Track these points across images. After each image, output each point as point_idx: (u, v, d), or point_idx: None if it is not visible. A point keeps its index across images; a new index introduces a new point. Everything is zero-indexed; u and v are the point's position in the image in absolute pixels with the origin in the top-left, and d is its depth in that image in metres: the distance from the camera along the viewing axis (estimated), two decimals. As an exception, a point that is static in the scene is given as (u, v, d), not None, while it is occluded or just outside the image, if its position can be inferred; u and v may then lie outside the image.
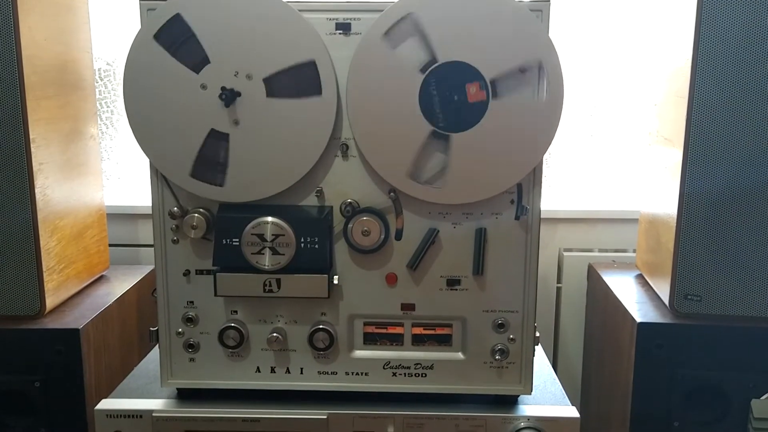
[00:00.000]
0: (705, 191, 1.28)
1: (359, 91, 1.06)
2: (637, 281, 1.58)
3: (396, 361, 1.19)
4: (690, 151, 1.28)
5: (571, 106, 1.82)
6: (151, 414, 1.16)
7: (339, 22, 1.08)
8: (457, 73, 1.05)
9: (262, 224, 1.09)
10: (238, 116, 1.08)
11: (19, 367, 1.31)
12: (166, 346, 1.19)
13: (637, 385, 1.34)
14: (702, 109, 1.26)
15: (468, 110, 1.06)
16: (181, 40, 1.06)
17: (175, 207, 1.13)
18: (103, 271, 1.63)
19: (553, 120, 1.07)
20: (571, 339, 1.83)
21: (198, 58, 1.07)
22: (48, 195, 1.37)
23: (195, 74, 1.07)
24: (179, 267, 1.16)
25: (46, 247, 1.36)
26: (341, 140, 1.11)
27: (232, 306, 1.17)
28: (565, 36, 1.78)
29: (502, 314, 1.17)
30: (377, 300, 1.17)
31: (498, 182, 1.10)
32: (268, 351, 1.18)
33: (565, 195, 1.87)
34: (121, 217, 1.78)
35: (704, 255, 1.30)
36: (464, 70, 1.05)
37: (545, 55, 1.05)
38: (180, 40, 1.06)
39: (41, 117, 1.34)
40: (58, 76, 1.42)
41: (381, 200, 1.13)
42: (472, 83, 1.05)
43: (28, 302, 1.34)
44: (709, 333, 1.31)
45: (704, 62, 1.24)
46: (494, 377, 1.19)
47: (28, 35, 1.29)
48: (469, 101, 1.06)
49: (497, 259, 1.15)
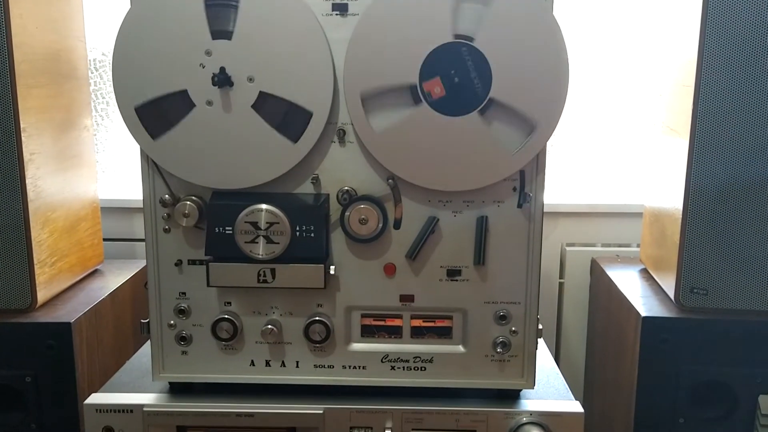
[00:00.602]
0: (711, 183, 1.26)
1: (357, 94, 1.04)
2: (641, 275, 1.55)
3: (394, 354, 1.16)
4: (696, 142, 1.26)
5: (574, 97, 1.79)
6: (142, 409, 1.13)
7: (335, 3, 1.05)
8: (458, 54, 1.02)
9: (256, 212, 1.06)
10: (215, 99, 1.05)
11: (10, 362, 1.29)
12: (158, 338, 1.16)
13: (642, 381, 1.32)
14: (708, 99, 1.24)
15: (470, 92, 1.03)
16: (224, 1, 1.03)
17: (167, 195, 1.10)
18: (97, 265, 1.61)
19: (557, 104, 1.04)
20: (573, 335, 1.80)
21: (223, 28, 1.03)
22: (40, 186, 1.34)
23: (210, 39, 1.03)
24: (171, 257, 1.13)
25: (38, 239, 1.34)
26: (338, 125, 1.08)
27: (225, 297, 1.14)
28: (570, 26, 1.75)
29: (504, 306, 1.14)
30: (375, 291, 1.14)
31: (500, 168, 1.07)
32: (263, 344, 1.15)
33: (567, 188, 1.84)
34: (117, 211, 1.76)
35: (710, 248, 1.28)
36: (465, 50, 1.02)
37: (549, 36, 1.02)
38: (223, 1, 1.03)
39: (32, 106, 1.32)
40: (50, 65, 1.39)
41: (379, 188, 1.10)
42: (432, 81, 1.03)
43: (19, 295, 1.32)
44: (716, 327, 1.29)
45: (711, 51, 1.22)
46: (496, 371, 1.16)
47: (18, 23, 1.26)
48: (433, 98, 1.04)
49: (499, 248, 1.12)
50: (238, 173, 1.08)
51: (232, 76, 1.04)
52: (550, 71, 1.03)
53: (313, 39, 1.04)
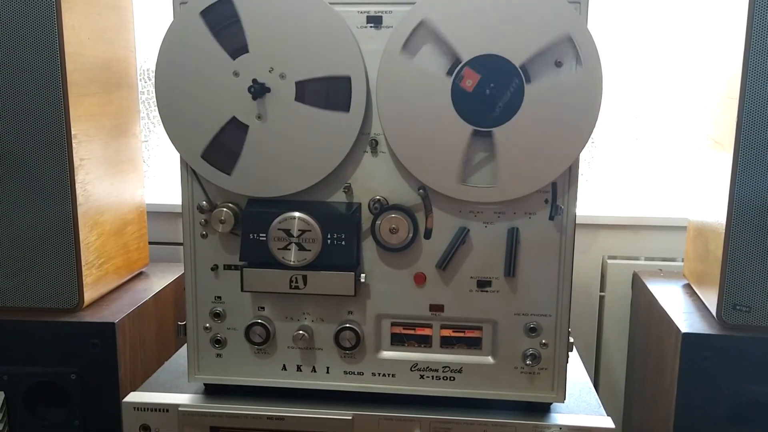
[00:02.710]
0: (755, 197, 1.23)
1: (390, 106, 1.06)
2: (684, 291, 1.52)
3: (424, 363, 1.16)
4: (740, 155, 1.24)
5: (616, 109, 1.77)
6: (177, 408, 1.16)
7: (370, 15, 1.06)
8: (489, 67, 1.03)
9: (289, 219, 1.08)
10: (263, 111, 1.07)
11: (56, 360, 1.33)
12: (194, 341, 1.19)
13: (681, 399, 1.29)
14: (753, 111, 1.22)
15: (503, 105, 1.03)
16: (225, 22, 1.06)
17: (204, 201, 1.13)
18: (143, 268, 1.65)
19: (590, 116, 1.04)
20: (614, 349, 1.76)
21: (237, 45, 1.06)
22: (89, 190, 1.39)
23: (231, 60, 1.07)
24: (207, 262, 1.17)
25: (86, 241, 1.39)
26: (371, 135, 1.09)
27: (259, 302, 1.17)
28: (613, 36, 1.73)
29: (534, 318, 1.13)
30: (405, 300, 1.14)
31: (532, 180, 1.07)
32: (295, 349, 1.17)
33: (609, 200, 1.81)
34: (164, 215, 1.81)
35: (754, 264, 1.25)
36: (495, 62, 1.02)
37: (583, 47, 1.01)
38: (225, 22, 1.06)
39: (83, 113, 1.37)
40: (101, 74, 1.44)
41: (410, 197, 1.11)
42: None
43: (67, 296, 1.37)
44: (759, 345, 1.26)
45: (756, 62, 1.20)
46: (525, 383, 1.15)
47: (71, 33, 1.32)
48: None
49: (530, 260, 1.12)
50: (274, 182, 1.11)
51: (265, 83, 1.06)
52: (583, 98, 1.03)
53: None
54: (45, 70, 1.29)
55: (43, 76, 1.29)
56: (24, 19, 1.27)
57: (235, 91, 1.07)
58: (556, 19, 1.02)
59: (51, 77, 1.29)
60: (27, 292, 1.36)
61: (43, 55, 1.28)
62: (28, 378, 1.33)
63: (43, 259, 1.35)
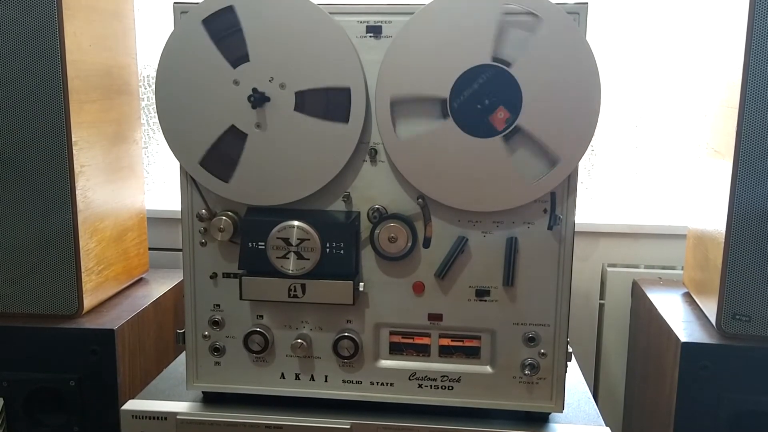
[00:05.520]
0: (755, 206, 1.23)
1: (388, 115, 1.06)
2: (683, 299, 1.52)
3: (422, 373, 1.16)
4: (740, 163, 1.24)
5: (616, 117, 1.77)
6: (175, 416, 1.16)
7: (370, 25, 1.07)
8: (485, 78, 1.03)
9: (288, 228, 1.08)
10: (262, 120, 1.08)
11: (55, 366, 1.34)
12: (192, 348, 1.19)
13: (681, 409, 1.29)
14: (753, 120, 1.22)
15: (501, 114, 1.03)
16: (227, 31, 1.06)
17: (203, 209, 1.13)
18: (143, 274, 1.66)
19: (588, 127, 1.04)
20: (613, 358, 1.76)
21: (238, 54, 1.06)
22: (89, 197, 1.40)
23: (232, 68, 1.07)
24: (206, 270, 1.17)
25: (86, 248, 1.39)
26: (370, 144, 1.09)
27: (258, 311, 1.17)
28: (612, 45, 1.73)
29: (532, 327, 1.13)
30: (404, 309, 1.14)
31: (528, 191, 1.07)
32: (293, 357, 1.17)
33: (609, 208, 1.81)
34: (164, 221, 1.81)
35: (754, 273, 1.25)
36: (492, 72, 1.02)
37: (580, 59, 1.01)
38: (226, 31, 1.06)
39: (84, 120, 1.37)
40: (102, 81, 1.45)
41: (409, 206, 1.11)
42: (495, 113, 1.03)
43: (66, 302, 1.37)
44: (758, 355, 1.26)
45: (755, 71, 1.20)
46: (524, 393, 1.15)
47: (72, 40, 1.32)
48: (498, 128, 1.04)
49: (529, 270, 1.11)
50: (273, 190, 1.11)
51: (265, 92, 1.06)
52: (581, 111, 1.03)
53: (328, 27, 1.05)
54: (46, 76, 1.29)
55: (44, 82, 1.29)
56: (25, 26, 1.28)
57: (234, 99, 1.07)
58: (563, 44, 1.02)
59: (52, 84, 1.30)
60: (27, 299, 1.37)
61: (44, 61, 1.29)
62: (27, 384, 1.34)
63: (43, 266, 1.36)
